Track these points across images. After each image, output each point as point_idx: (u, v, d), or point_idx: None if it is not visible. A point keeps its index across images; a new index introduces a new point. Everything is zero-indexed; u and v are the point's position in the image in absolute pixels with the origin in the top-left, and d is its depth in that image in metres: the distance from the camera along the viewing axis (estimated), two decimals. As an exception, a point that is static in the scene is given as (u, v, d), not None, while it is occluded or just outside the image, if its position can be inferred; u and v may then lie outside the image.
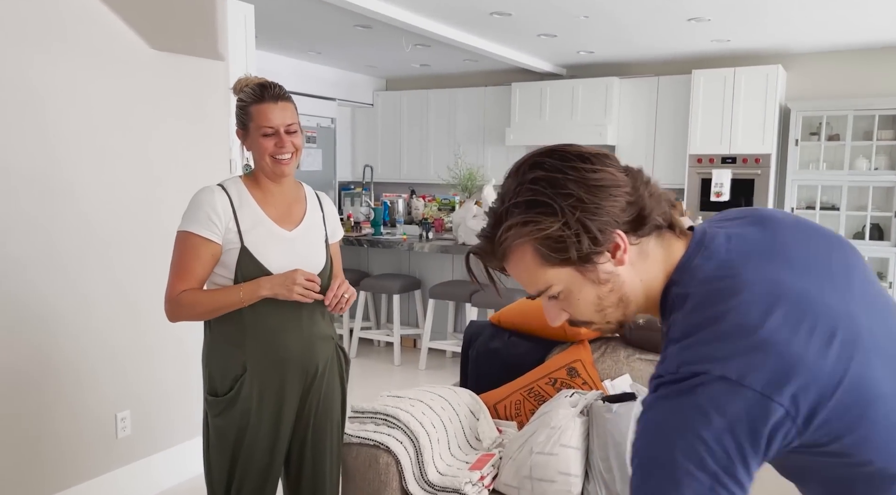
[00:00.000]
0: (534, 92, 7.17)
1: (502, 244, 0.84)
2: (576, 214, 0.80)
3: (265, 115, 1.62)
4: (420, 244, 4.64)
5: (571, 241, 0.81)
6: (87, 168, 2.58)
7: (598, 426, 1.90)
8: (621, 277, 0.85)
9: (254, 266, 1.64)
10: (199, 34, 2.80)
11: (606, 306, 0.87)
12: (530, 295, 0.90)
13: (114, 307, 2.70)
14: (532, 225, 0.82)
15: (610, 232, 0.82)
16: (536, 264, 0.84)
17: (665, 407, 0.76)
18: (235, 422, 1.68)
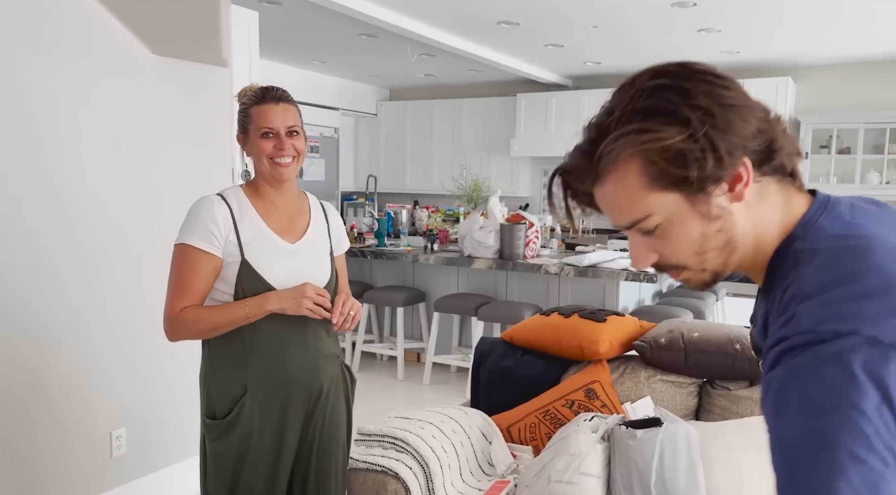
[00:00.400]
0: (539, 103, 7.11)
1: (606, 156, 0.72)
2: (704, 128, 0.68)
3: (265, 116, 1.53)
4: (425, 256, 4.55)
5: (694, 158, 0.69)
6: (85, 177, 2.49)
7: (621, 453, 1.79)
8: (734, 216, 0.73)
9: (255, 280, 1.54)
10: (202, 40, 2.72)
11: (709, 248, 0.74)
12: (618, 227, 0.77)
13: (110, 321, 2.60)
14: (650, 134, 0.70)
15: (738, 157, 0.70)
16: (641, 185, 0.72)
17: (806, 376, 0.62)
18: (235, 447, 1.58)
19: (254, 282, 1.54)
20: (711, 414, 2.05)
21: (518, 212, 4.58)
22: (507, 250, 4.31)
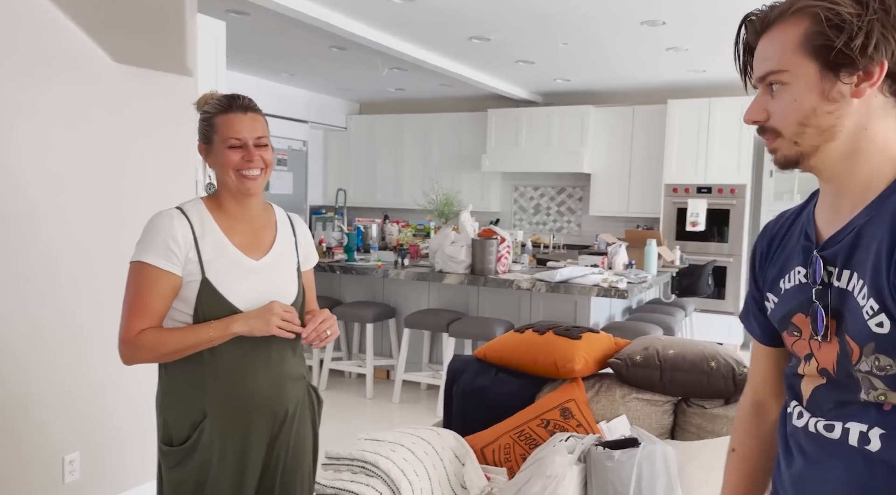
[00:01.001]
0: (510, 119, 7.13)
1: (789, 5, 0.83)
2: (873, 16, 0.78)
3: (232, 126, 1.45)
4: (395, 271, 4.48)
5: (849, 30, 0.78)
6: (44, 188, 2.37)
7: (598, 475, 1.74)
8: (848, 109, 0.82)
9: (216, 300, 1.46)
10: (167, 48, 2.64)
11: (812, 124, 0.83)
12: (758, 76, 0.88)
13: (65, 340, 2.47)
14: (835, 3, 0.79)
15: (880, 55, 0.79)
16: (795, 41, 0.82)
17: None
18: (193, 476, 1.48)
19: (215, 303, 1.45)
20: (687, 433, 2.02)
21: (490, 226, 4.55)
22: (479, 265, 4.27)
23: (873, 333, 0.79)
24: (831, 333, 0.84)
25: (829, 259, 0.85)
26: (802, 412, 0.90)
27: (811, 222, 0.91)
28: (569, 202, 7.39)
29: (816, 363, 0.87)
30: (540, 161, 6.97)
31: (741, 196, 6.08)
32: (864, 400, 0.82)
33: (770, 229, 1.00)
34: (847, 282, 0.83)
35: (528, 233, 7.35)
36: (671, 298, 5.23)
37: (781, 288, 0.93)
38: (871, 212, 0.82)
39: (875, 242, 0.80)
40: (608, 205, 6.88)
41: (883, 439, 0.81)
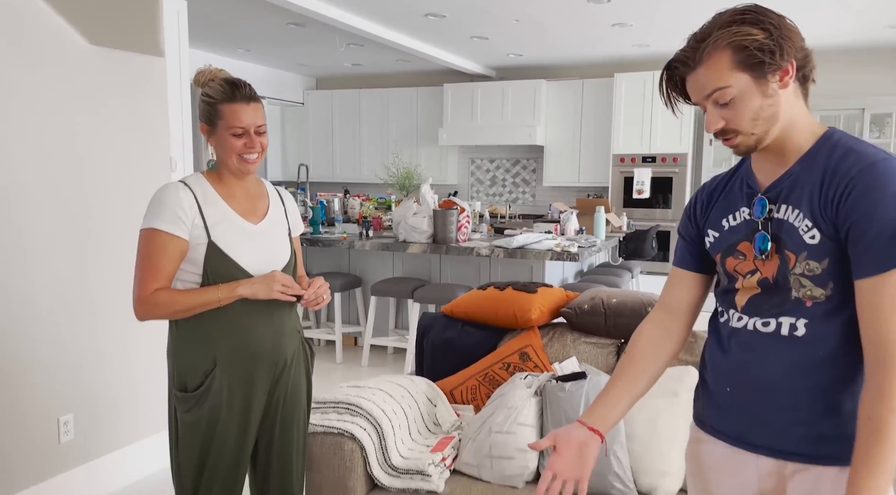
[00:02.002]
0: (465, 93, 7.34)
1: (710, 45, 1.09)
2: (776, 33, 1.07)
3: (237, 116, 1.63)
4: (360, 242, 4.68)
5: (768, 49, 1.06)
6: (22, 163, 2.49)
7: (552, 404, 2.03)
8: (780, 98, 1.10)
9: (222, 260, 1.66)
10: (140, 29, 2.75)
11: (761, 117, 1.10)
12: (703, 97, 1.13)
13: (53, 309, 2.62)
14: (743, 32, 1.07)
15: (789, 57, 1.08)
16: (727, 66, 1.09)
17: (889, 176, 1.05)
18: (206, 417, 1.69)
19: (221, 263, 1.65)
20: (629, 370, 2.32)
21: (450, 198, 4.78)
22: (441, 235, 4.51)
23: (807, 244, 1.10)
24: (772, 251, 1.15)
25: (772, 199, 1.16)
26: (741, 316, 1.19)
27: (751, 176, 1.21)
28: (523, 174, 7.68)
29: (760, 276, 1.16)
30: (495, 134, 7.22)
31: (683, 164, 6.47)
32: (794, 298, 1.12)
33: (708, 186, 1.31)
34: (785, 213, 1.14)
35: (486, 204, 7.62)
36: (619, 261, 5.58)
37: (724, 225, 1.23)
38: (802, 164, 1.13)
39: (809, 182, 1.11)
40: (560, 175, 7.20)
41: (807, 327, 1.11)
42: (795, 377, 1.12)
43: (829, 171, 1.09)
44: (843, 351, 1.09)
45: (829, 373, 1.10)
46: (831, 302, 1.10)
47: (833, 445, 1.10)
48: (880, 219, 1.03)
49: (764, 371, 1.16)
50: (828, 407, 1.11)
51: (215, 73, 1.70)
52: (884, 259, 1.03)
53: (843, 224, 1.06)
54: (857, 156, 1.08)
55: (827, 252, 1.09)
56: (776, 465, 1.16)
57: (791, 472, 1.15)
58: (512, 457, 1.98)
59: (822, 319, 1.11)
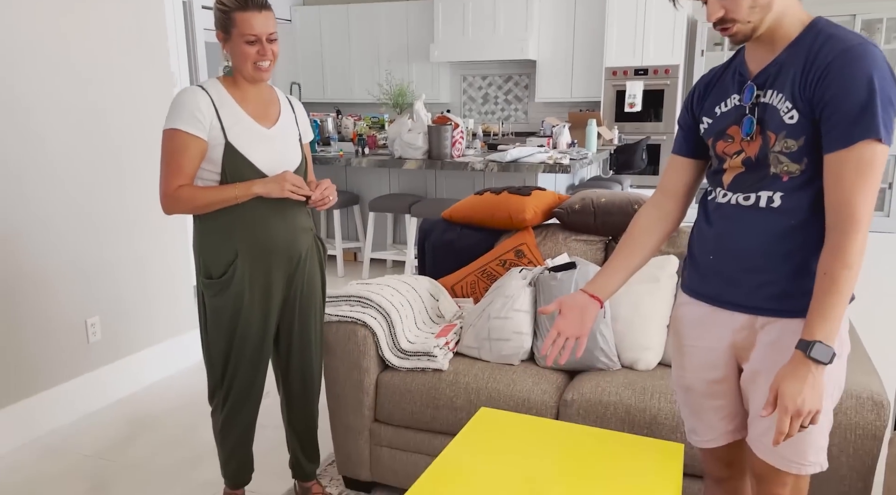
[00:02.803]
0: (456, 6, 7.22)
1: None
2: None
3: (249, 24, 1.72)
4: (357, 159, 4.78)
5: None
6: (29, 82, 2.57)
7: (545, 292, 2.22)
8: None
9: (238, 160, 1.79)
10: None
11: (758, 5, 1.20)
12: None
13: (72, 221, 2.76)
14: None
15: None
16: None
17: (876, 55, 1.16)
18: (230, 302, 1.87)
19: (238, 162, 1.79)
20: (616, 264, 2.51)
21: (444, 114, 4.85)
22: (436, 150, 4.61)
23: (786, 124, 1.23)
24: (756, 133, 1.28)
25: (760, 85, 1.27)
26: (726, 193, 1.35)
27: (743, 65, 1.32)
28: (515, 90, 7.67)
29: (744, 155, 1.31)
30: (487, 49, 7.16)
31: (675, 76, 6.49)
32: (772, 174, 1.27)
33: (705, 78, 1.44)
34: (770, 98, 1.25)
35: (478, 122, 7.66)
36: (609, 174, 5.72)
37: (717, 112, 1.36)
38: (788, 51, 1.24)
39: (792, 68, 1.22)
40: (553, 91, 7.21)
41: (783, 199, 1.27)
42: (771, 243, 1.28)
43: (811, 56, 1.20)
44: (812, 219, 1.25)
45: (799, 239, 1.26)
46: (804, 175, 1.24)
47: (797, 300, 1.27)
48: (850, 98, 1.14)
49: (743, 239, 1.32)
50: (795, 268, 1.27)
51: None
52: (850, 134, 1.16)
53: (818, 103, 1.19)
54: (836, 41, 1.18)
55: (803, 130, 1.22)
56: (748, 320, 1.34)
57: (761, 325, 1.33)
58: (509, 339, 2.19)
59: (795, 191, 1.25)
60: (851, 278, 1.18)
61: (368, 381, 2.18)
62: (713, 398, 1.45)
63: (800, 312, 1.27)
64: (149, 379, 3.16)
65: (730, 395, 1.44)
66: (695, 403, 1.49)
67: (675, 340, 1.52)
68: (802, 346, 1.20)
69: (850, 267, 1.17)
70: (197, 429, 2.75)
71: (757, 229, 1.30)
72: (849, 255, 1.17)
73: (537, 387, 2.06)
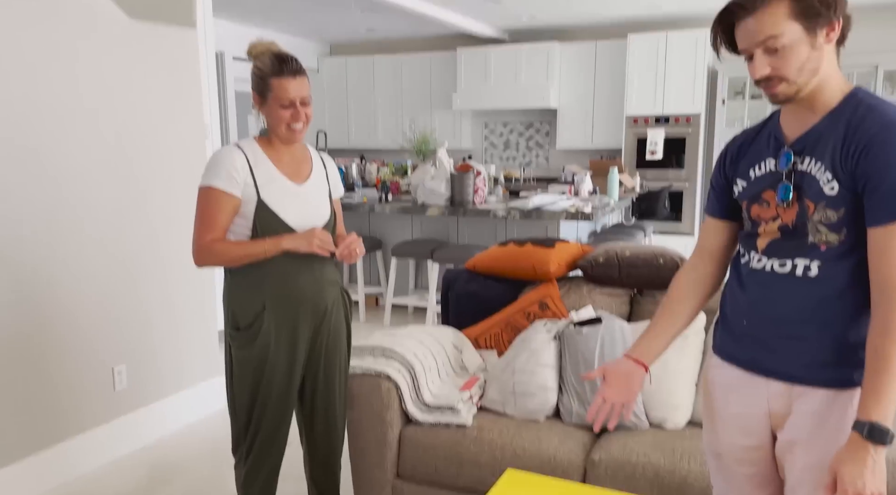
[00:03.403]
0: (479, 57, 7.39)
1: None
2: None
3: (284, 89, 1.79)
4: (381, 206, 4.85)
5: (825, 3, 1.16)
6: (68, 130, 2.67)
7: (570, 346, 2.21)
8: (824, 53, 1.21)
9: (270, 216, 1.84)
10: (174, 2, 2.89)
11: (807, 68, 1.20)
12: (751, 47, 1.21)
13: (104, 266, 2.82)
14: None
15: (839, 15, 1.18)
16: (784, 15, 1.17)
17: None
18: (256, 354, 1.89)
19: (269, 218, 1.84)
20: (641, 318, 2.49)
21: (466, 161, 4.92)
22: (458, 197, 4.66)
23: (825, 195, 1.23)
24: (793, 200, 1.28)
25: (797, 152, 1.27)
26: (761, 258, 1.34)
27: (779, 130, 1.32)
28: (537, 137, 7.76)
29: (780, 222, 1.30)
30: (508, 97, 7.29)
31: (696, 124, 6.53)
32: (810, 243, 1.25)
33: (738, 139, 1.44)
34: (808, 165, 1.25)
35: (500, 167, 7.74)
36: (632, 221, 5.71)
37: (751, 175, 1.36)
38: (828, 120, 1.24)
39: (832, 138, 1.22)
40: (574, 138, 7.28)
41: (820, 269, 1.25)
42: (808, 312, 1.27)
43: (852, 127, 1.19)
44: (850, 289, 1.23)
45: (837, 308, 1.25)
46: (843, 246, 1.23)
47: (836, 371, 1.25)
48: (894, 173, 1.14)
49: (778, 306, 1.30)
50: (834, 337, 1.25)
51: (267, 47, 1.85)
52: (894, 209, 1.15)
53: (860, 176, 1.18)
54: (878, 114, 1.18)
55: (844, 202, 1.21)
56: (784, 388, 1.32)
57: (797, 394, 1.30)
58: (534, 394, 2.18)
59: (834, 261, 1.24)
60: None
61: (392, 436, 2.17)
62: (746, 465, 1.42)
63: (839, 383, 1.25)
64: (173, 426, 3.17)
65: (763, 463, 1.40)
66: (727, 469, 1.46)
67: (707, 404, 1.50)
68: (859, 428, 1.17)
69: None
70: (220, 479, 2.74)
71: (793, 298, 1.29)
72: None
73: (564, 446, 2.03)
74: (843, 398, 1.25)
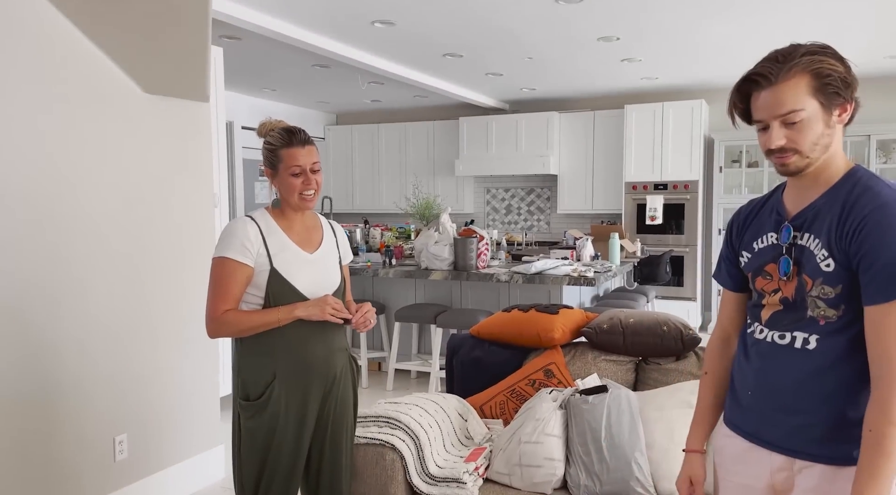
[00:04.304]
0: (480, 125, 7.61)
1: (796, 64, 1.21)
2: (850, 72, 1.23)
3: (294, 157, 1.87)
4: (384, 270, 4.89)
5: (844, 82, 1.21)
6: (83, 200, 2.74)
7: (577, 416, 2.19)
8: (835, 130, 1.25)
9: (283, 285, 1.87)
10: (188, 78, 3.02)
11: (820, 143, 1.24)
12: (774, 116, 1.24)
13: (108, 335, 2.84)
14: (828, 62, 1.21)
15: (852, 96, 1.24)
16: (805, 90, 1.21)
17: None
18: (266, 424, 1.88)
19: (282, 287, 1.87)
20: (647, 386, 2.48)
21: (469, 226, 5.00)
22: (461, 262, 4.71)
23: (822, 271, 1.26)
24: (793, 274, 1.31)
25: (797, 227, 1.31)
26: (763, 329, 1.37)
27: (781, 204, 1.36)
28: (538, 202, 7.89)
29: (781, 294, 1.33)
30: (510, 164, 7.46)
31: (694, 191, 6.65)
32: (809, 317, 1.28)
33: (744, 210, 1.49)
34: (807, 241, 1.29)
35: (502, 232, 7.83)
36: (634, 286, 5.74)
37: (755, 247, 1.40)
38: (826, 197, 1.28)
39: (829, 215, 1.25)
40: (574, 203, 7.40)
41: (818, 342, 1.28)
42: (805, 384, 1.28)
43: (848, 206, 1.23)
44: (847, 364, 1.25)
45: (833, 382, 1.26)
46: (841, 321, 1.25)
47: (837, 447, 1.25)
48: (887, 253, 1.17)
49: (778, 378, 1.32)
50: (833, 413, 1.26)
51: (275, 124, 1.94)
52: (888, 289, 1.18)
53: (854, 255, 1.21)
54: (873, 195, 1.22)
55: (840, 279, 1.24)
56: (786, 461, 1.32)
57: (798, 468, 1.30)
58: (540, 466, 2.15)
59: (832, 335, 1.26)
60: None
61: (396, 508, 2.13)
62: None
63: (839, 459, 1.25)
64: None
65: None
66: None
67: (716, 472, 1.50)
68: None
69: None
70: (216, 554, 2.66)
71: (792, 369, 1.30)
72: (894, 413, 1.16)
73: (571, 519, 1.99)
74: (844, 474, 1.24)
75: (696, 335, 2.44)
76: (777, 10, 4.18)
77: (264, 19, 4.24)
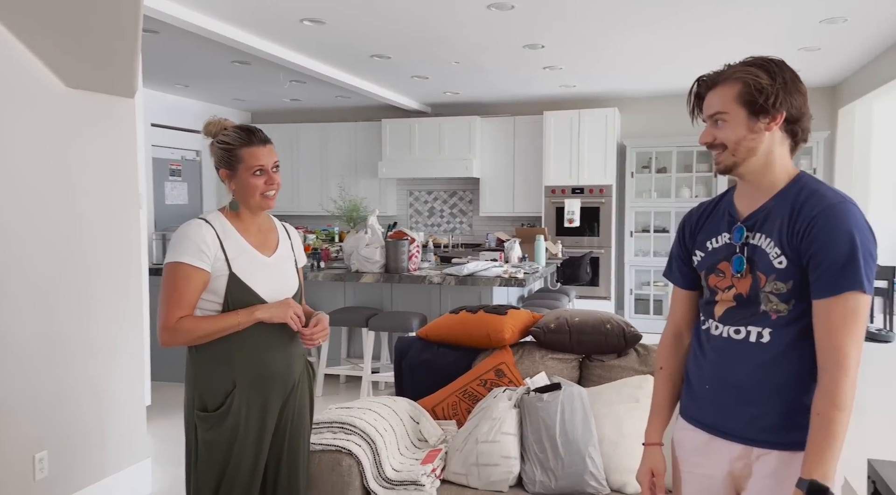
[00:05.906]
0: (403, 128, 7.60)
1: (732, 74, 1.36)
2: (779, 84, 1.34)
3: (256, 157, 1.80)
4: (313, 273, 4.79)
5: (765, 94, 1.33)
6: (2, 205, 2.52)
7: (531, 414, 2.25)
8: (762, 138, 1.37)
9: (243, 290, 1.80)
10: (116, 72, 2.84)
11: (741, 146, 1.37)
12: (707, 115, 1.41)
13: (25, 348, 2.62)
14: (753, 73, 1.35)
15: (781, 109, 1.34)
16: (732, 97, 1.36)
17: (855, 213, 1.31)
18: (226, 436, 1.80)
19: (242, 292, 1.79)
20: (591, 382, 2.58)
21: (400, 229, 4.99)
22: (393, 264, 4.69)
23: (776, 268, 1.35)
24: (746, 271, 1.40)
25: (749, 227, 1.41)
26: (718, 325, 1.45)
27: (732, 206, 1.46)
28: (460, 204, 7.99)
29: (735, 291, 1.42)
30: (433, 167, 7.50)
31: (608, 195, 6.96)
32: (762, 311, 1.37)
33: (696, 212, 1.58)
34: (759, 240, 1.38)
35: (426, 234, 7.86)
36: (557, 286, 5.93)
37: (708, 247, 1.48)
38: (776, 200, 1.38)
39: (780, 216, 1.35)
40: (496, 206, 7.55)
41: (771, 335, 1.37)
42: (759, 376, 1.38)
43: (797, 208, 1.34)
44: (798, 354, 1.35)
45: (787, 373, 1.36)
46: (791, 315, 1.36)
47: (791, 433, 1.35)
48: (834, 251, 1.28)
49: (734, 371, 1.41)
50: (787, 402, 1.36)
51: (225, 123, 1.86)
52: (835, 284, 1.29)
53: (804, 253, 1.32)
54: (820, 197, 1.33)
55: (791, 275, 1.34)
56: (744, 450, 1.41)
57: (756, 456, 1.40)
58: (497, 464, 2.18)
59: (783, 328, 1.36)
60: (844, 419, 1.27)
61: (355, 515, 2.10)
62: None
63: (794, 445, 1.35)
64: (93, 519, 2.89)
65: None
66: (693, 529, 1.52)
67: (675, 465, 1.58)
68: (801, 485, 1.27)
69: (842, 408, 1.27)
70: (152, 575, 2.52)
71: (747, 363, 1.40)
72: (840, 398, 1.27)
73: (532, 514, 2.03)
74: (799, 459, 1.34)
75: (637, 332, 2.56)
76: (696, 20, 4.45)
77: (187, 13, 4.06)
